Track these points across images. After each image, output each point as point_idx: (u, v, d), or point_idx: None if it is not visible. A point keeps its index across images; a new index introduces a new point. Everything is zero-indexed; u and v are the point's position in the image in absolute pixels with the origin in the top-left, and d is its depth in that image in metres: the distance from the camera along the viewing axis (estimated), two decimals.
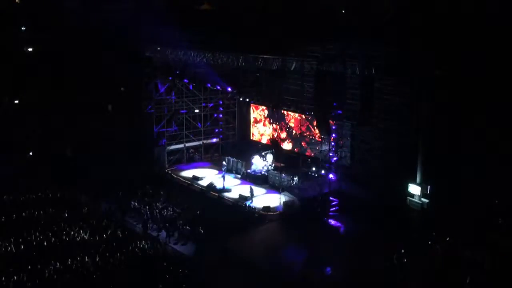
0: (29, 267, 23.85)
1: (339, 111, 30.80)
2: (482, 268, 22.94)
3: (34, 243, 26.65)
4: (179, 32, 37.36)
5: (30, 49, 48.63)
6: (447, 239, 25.37)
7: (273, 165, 37.86)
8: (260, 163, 38.06)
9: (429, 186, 28.41)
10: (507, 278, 22.37)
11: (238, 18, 37.12)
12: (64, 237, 27.31)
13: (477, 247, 23.99)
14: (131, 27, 39.19)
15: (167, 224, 30.19)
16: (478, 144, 26.14)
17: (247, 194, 33.93)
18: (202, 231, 28.69)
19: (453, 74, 26.84)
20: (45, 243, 26.56)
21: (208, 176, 38.92)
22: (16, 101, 45.04)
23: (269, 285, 23.65)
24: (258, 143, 42.40)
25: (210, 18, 38.22)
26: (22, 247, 26.13)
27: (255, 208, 32.19)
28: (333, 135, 31.71)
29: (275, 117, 40.09)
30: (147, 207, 32.36)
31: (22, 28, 48.62)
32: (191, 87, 41.24)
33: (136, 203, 33.13)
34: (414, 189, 29.06)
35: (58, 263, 24.16)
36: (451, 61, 26.96)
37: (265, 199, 33.86)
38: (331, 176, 31.55)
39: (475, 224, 25.66)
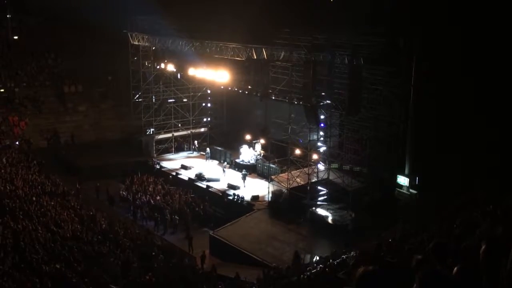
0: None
1: (328, 101, 30.84)
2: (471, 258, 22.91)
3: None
4: (167, 20, 37.12)
5: (15, 37, 48.13)
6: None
7: (262, 154, 37.82)
8: (249, 153, 37.96)
9: (417, 178, 28.42)
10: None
11: (227, 7, 36.87)
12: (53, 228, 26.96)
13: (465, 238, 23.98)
14: (119, 15, 38.78)
15: (155, 213, 30.16)
16: (467, 135, 26.20)
17: (236, 183, 33.87)
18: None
19: (442, 65, 26.90)
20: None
21: (196, 165, 38.79)
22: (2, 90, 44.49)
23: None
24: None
25: (198, 6, 37.90)
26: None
27: (243, 197, 32.16)
28: (322, 124, 31.72)
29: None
30: (136, 196, 32.28)
31: (8, 16, 48.02)
32: (179, 76, 40.97)
33: (124, 192, 33.03)
34: (403, 180, 29.11)
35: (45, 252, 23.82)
36: (439, 52, 27.03)
37: (254, 188, 33.81)
38: (319, 165, 31.61)
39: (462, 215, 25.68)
